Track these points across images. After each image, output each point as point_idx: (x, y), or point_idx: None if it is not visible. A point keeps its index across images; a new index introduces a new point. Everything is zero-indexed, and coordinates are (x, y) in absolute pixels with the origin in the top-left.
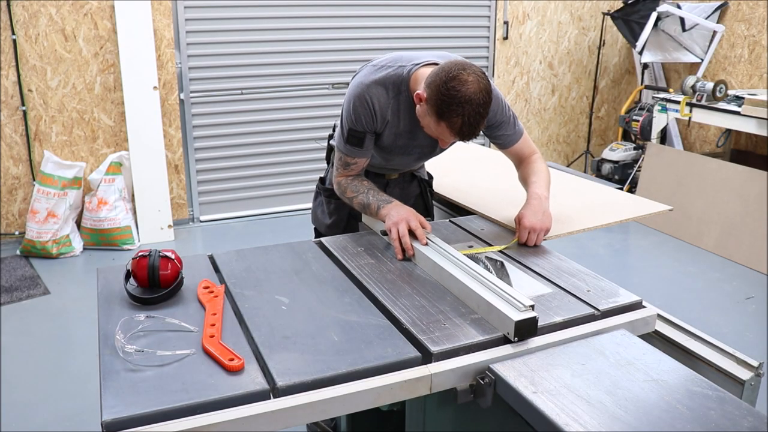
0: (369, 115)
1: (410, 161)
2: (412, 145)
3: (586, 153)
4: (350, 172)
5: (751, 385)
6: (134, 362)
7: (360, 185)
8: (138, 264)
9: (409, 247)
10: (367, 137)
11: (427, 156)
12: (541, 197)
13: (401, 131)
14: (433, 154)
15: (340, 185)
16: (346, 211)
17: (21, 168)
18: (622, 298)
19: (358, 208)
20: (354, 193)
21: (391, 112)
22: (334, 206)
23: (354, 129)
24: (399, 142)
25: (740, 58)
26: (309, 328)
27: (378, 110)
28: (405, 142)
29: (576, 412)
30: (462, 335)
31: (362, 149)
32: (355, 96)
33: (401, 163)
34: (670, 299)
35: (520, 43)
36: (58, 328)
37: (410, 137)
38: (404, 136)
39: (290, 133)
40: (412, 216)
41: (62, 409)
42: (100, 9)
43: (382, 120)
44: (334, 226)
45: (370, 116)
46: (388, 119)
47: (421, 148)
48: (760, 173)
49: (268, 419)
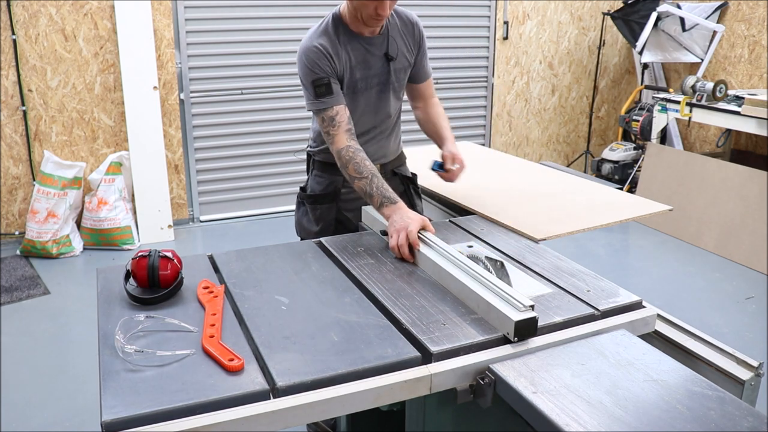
0: (323, 57)
1: (376, 103)
2: (369, 75)
3: (586, 153)
4: (339, 127)
5: (751, 385)
6: (134, 362)
7: (363, 165)
8: (138, 264)
9: (407, 257)
10: (331, 82)
11: (386, 88)
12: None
13: (354, 63)
14: (390, 82)
15: (341, 156)
16: (332, 215)
17: (21, 168)
18: (622, 298)
19: (359, 191)
20: (357, 174)
21: (341, 47)
22: (320, 212)
23: (316, 79)
24: (356, 75)
25: (740, 58)
26: (309, 328)
27: (330, 51)
28: (362, 74)
29: (576, 412)
30: (462, 335)
31: (333, 95)
32: (303, 52)
33: (369, 108)
34: (670, 299)
35: (520, 43)
36: (58, 328)
37: (365, 66)
38: (358, 67)
39: (290, 133)
40: (414, 224)
41: (62, 409)
42: (100, 9)
43: (337, 59)
44: (322, 233)
45: (326, 58)
46: (341, 57)
47: (378, 76)
48: (760, 173)
49: (267, 419)
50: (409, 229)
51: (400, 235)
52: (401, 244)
